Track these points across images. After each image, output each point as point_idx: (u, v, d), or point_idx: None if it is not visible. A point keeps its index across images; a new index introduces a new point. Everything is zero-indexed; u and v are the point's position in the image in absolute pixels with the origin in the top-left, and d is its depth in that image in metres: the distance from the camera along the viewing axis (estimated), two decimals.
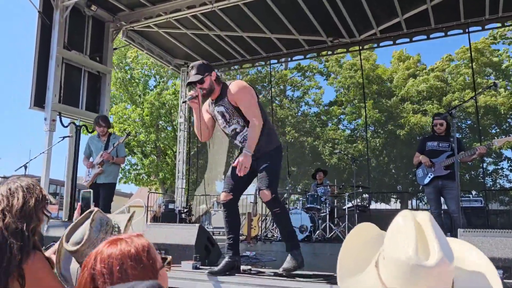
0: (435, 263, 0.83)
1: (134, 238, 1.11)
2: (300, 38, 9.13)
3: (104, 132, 6.23)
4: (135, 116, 19.09)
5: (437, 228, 0.89)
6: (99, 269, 1.02)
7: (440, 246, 0.85)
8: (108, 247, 1.06)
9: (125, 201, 29.19)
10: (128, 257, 1.04)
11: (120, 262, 1.02)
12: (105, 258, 1.03)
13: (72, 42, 7.62)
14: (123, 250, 1.05)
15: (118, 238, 1.10)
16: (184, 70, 11.07)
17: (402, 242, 0.87)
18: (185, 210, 10.29)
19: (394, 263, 0.87)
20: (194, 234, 3.53)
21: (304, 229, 7.90)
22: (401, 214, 0.93)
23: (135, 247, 1.07)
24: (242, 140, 3.55)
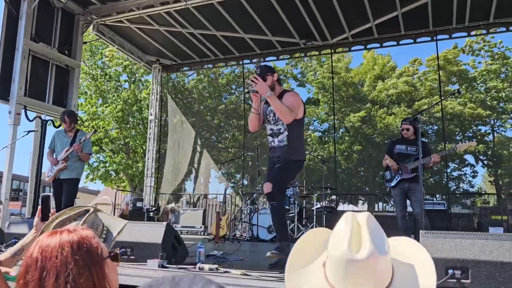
0: (365, 256, 0.89)
1: (79, 229, 1.09)
2: (273, 39, 9.18)
3: (71, 128, 6.03)
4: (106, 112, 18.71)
5: (374, 227, 0.95)
6: (35, 256, 1.00)
7: (372, 241, 0.91)
8: (49, 237, 1.04)
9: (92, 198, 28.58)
10: (69, 242, 1.02)
11: (57, 252, 1.00)
12: (44, 245, 1.01)
13: (40, 34, 7.40)
14: (63, 238, 1.03)
15: (61, 230, 1.07)
16: (156, 67, 10.94)
17: (340, 240, 0.93)
18: (153, 209, 10.17)
19: (333, 260, 0.93)
20: (161, 232, 3.49)
21: (272, 230, 7.93)
22: (344, 216, 0.99)
23: (78, 235, 1.05)
24: (279, 141, 3.99)
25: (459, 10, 7.69)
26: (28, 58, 7.10)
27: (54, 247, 1.00)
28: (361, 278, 0.90)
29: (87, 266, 1.00)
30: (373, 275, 0.91)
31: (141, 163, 18.63)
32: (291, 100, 3.91)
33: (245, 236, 8.35)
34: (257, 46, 9.64)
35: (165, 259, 3.36)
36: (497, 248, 2.44)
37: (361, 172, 21.69)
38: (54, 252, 0.99)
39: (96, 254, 1.04)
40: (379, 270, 0.91)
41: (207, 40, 9.46)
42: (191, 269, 3.27)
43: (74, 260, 0.99)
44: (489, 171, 21.85)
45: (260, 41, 9.38)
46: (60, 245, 1.01)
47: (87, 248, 1.03)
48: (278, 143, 3.99)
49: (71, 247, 1.01)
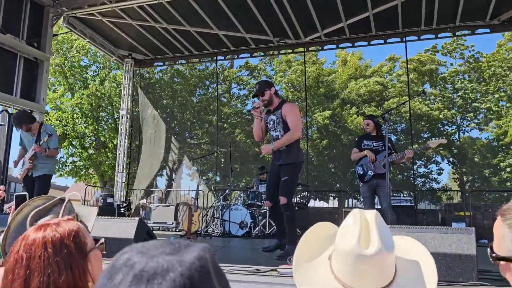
0: (374, 252, 0.94)
1: (63, 222, 1.11)
2: (247, 36, 9.22)
3: (28, 130, 5.76)
4: (72, 103, 18.28)
5: (382, 224, 1.00)
6: (21, 254, 1.02)
7: (380, 238, 0.95)
8: (34, 232, 1.06)
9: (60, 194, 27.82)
10: (52, 242, 1.04)
11: (43, 247, 1.03)
12: (29, 243, 1.04)
13: (7, 25, 7.19)
14: (47, 235, 1.05)
15: (46, 223, 1.10)
16: (128, 62, 10.80)
17: (349, 235, 0.98)
18: (124, 205, 10.06)
19: (341, 254, 0.98)
20: (133, 228, 3.50)
21: (244, 225, 8.01)
22: (352, 212, 1.04)
23: (61, 232, 1.07)
24: None
25: (427, 13, 7.93)
26: None
27: (38, 245, 1.03)
28: (368, 273, 0.95)
29: (68, 266, 1.04)
30: (379, 270, 0.96)
31: (111, 159, 18.35)
32: (290, 114, 4.41)
33: (217, 232, 8.39)
34: (231, 43, 9.66)
35: None
36: (456, 241, 2.58)
37: (332, 169, 22.04)
38: (37, 251, 1.02)
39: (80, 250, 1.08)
40: (385, 266, 0.97)
41: (180, 36, 9.41)
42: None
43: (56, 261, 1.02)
44: (454, 169, 22.63)
45: (234, 38, 9.39)
46: (44, 244, 1.03)
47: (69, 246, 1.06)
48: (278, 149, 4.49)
49: (53, 248, 1.03)
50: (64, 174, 18.91)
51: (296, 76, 21.45)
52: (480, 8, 7.79)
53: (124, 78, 11.05)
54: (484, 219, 8.61)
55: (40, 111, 7.79)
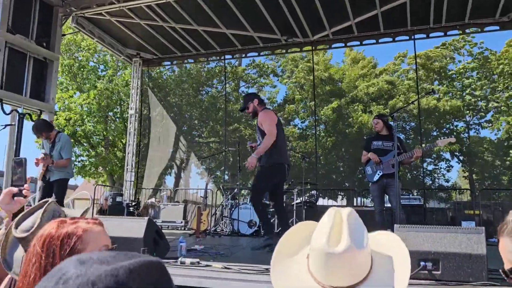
0: (342, 250, 0.94)
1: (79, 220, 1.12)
2: (255, 35, 9.21)
3: (45, 138, 6.11)
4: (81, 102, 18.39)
5: (355, 222, 1.01)
6: (39, 249, 1.03)
7: (350, 235, 0.96)
8: (52, 229, 1.08)
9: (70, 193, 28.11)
10: (68, 238, 1.05)
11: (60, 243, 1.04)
12: (47, 239, 1.05)
13: (17, 25, 7.24)
14: (64, 232, 1.06)
15: (63, 220, 1.11)
16: (136, 61, 10.85)
17: (321, 234, 0.99)
18: (134, 204, 10.12)
19: (314, 253, 0.99)
20: (143, 227, 3.52)
21: (253, 224, 8.02)
22: (328, 211, 1.05)
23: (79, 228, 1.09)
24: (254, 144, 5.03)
25: (436, 11, 7.86)
26: (5, 50, 6.95)
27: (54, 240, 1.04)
28: (338, 271, 0.96)
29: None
30: (350, 268, 0.96)
31: (120, 158, 18.45)
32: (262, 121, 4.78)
33: (225, 231, 8.40)
34: (239, 42, 9.66)
35: (146, 254, 3.39)
36: (465, 240, 2.56)
37: (340, 168, 21.97)
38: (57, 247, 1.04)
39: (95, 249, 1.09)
40: (356, 263, 0.97)
41: (188, 35, 9.43)
42: (172, 263, 3.31)
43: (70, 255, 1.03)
44: (464, 167, 22.44)
45: (242, 36, 9.39)
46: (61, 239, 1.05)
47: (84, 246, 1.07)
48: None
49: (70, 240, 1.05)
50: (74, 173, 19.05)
51: (304, 75, 21.39)
52: (490, 5, 7.71)
53: (133, 77, 11.11)
54: (494, 217, 8.53)
55: (50, 110, 7.85)
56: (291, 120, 23.02)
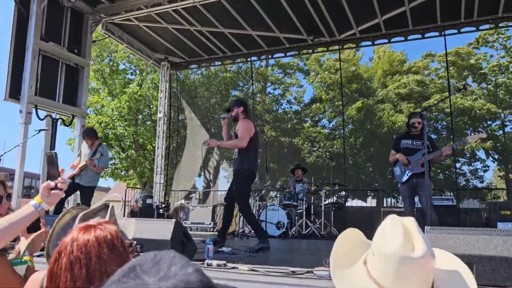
0: (421, 255, 0.92)
1: (105, 224, 1.13)
2: (281, 36, 9.19)
3: (91, 144, 6.54)
4: (112, 106, 18.84)
5: (421, 231, 1.00)
6: (76, 255, 1.04)
7: (425, 241, 0.94)
8: (84, 234, 1.08)
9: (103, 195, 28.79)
10: (105, 242, 1.07)
11: (97, 248, 1.05)
12: (82, 244, 1.05)
13: (49, 33, 7.48)
14: (98, 236, 1.08)
15: (91, 225, 1.12)
16: (164, 65, 11.01)
17: (390, 238, 0.96)
18: (163, 206, 10.26)
19: (383, 258, 0.96)
20: (170, 229, 3.55)
21: (281, 226, 7.99)
22: (389, 217, 1.03)
23: (109, 233, 1.10)
24: (235, 155, 5.19)
25: (467, 5, 7.63)
26: (38, 57, 7.19)
27: (92, 246, 1.06)
28: (412, 276, 0.93)
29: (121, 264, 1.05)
30: (423, 274, 0.94)
31: (150, 160, 18.76)
32: (240, 128, 5.04)
33: (253, 233, 8.39)
34: (265, 43, 9.66)
35: None
36: (501, 243, 2.46)
37: (370, 168, 21.62)
38: (93, 251, 1.05)
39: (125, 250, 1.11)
40: (428, 271, 0.95)
41: (215, 38, 9.50)
42: (200, 265, 3.32)
43: (111, 261, 1.05)
44: (500, 166, 21.67)
45: (268, 38, 9.39)
46: (98, 245, 1.06)
47: (118, 246, 1.09)
48: (235, 157, 5.25)
49: (107, 247, 1.07)
50: (106, 176, 19.51)
51: (329, 74, 21.17)
52: None
53: (161, 81, 11.28)
54: None
55: (82, 115, 8.07)
56: (318, 120, 22.84)
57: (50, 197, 1.64)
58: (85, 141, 6.63)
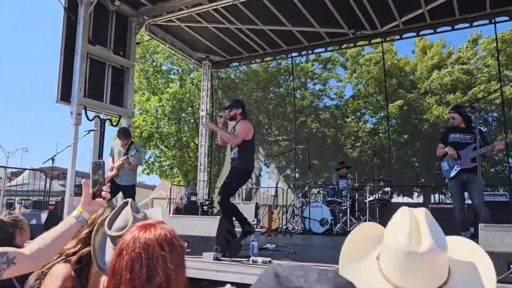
0: (427, 250, 0.89)
1: (162, 224, 1.16)
2: (321, 30, 9.08)
3: (125, 143, 6.73)
4: (156, 105, 19.32)
5: (433, 222, 0.96)
6: (138, 253, 1.06)
7: (432, 235, 0.91)
8: (144, 232, 1.10)
9: (149, 193, 29.67)
10: (165, 241, 1.09)
11: (158, 247, 1.07)
12: (143, 243, 1.07)
13: (96, 37, 7.76)
14: (159, 234, 1.10)
15: (150, 224, 1.14)
16: (205, 64, 11.16)
17: (398, 233, 0.94)
18: (207, 203, 10.41)
19: (390, 252, 0.95)
20: (215, 226, 3.60)
21: (324, 222, 7.91)
22: (399, 210, 1.01)
23: (168, 232, 1.12)
24: (233, 155, 5.32)
25: None
26: (87, 60, 7.47)
27: (153, 245, 1.08)
28: (419, 272, 0.91)
29: (180, 265, 1.10)
30: (432, 269, 0.91)
31: (194, 158, 19.09)
32: (239, 128, 5.26)
33: (297, 229, 8.37)
34: (305, 39, 9.57)
35: (219, 252, 3.46)
36: None
37: (415, 163, 20.98)
38: (155, 250, 1.07)
39: (182, 250, 1.14)
40: (438, 265, 0.92)
41: (255, 35, 9.52)
42: (245, 262, 3.35)
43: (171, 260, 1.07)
44: None
45: (308, 33, 9.30)
46: (159, 244, 1.08)
47: (177, 245, 1.12)
48: (232, 156, 5.33)
49: (168, 246, 1.09)
50: (151, 172, 20.06)
51: (367, 68, 20.67)
52: None
53: (203, 80, 11.44)
54: None
55: (128, 115, 8.32)
56: (360, 115, 22.41)
57: (92, 205, 1.64)
58: (120, 140, 6.75)
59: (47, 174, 9.55)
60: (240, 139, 5.20)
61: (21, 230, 2.72)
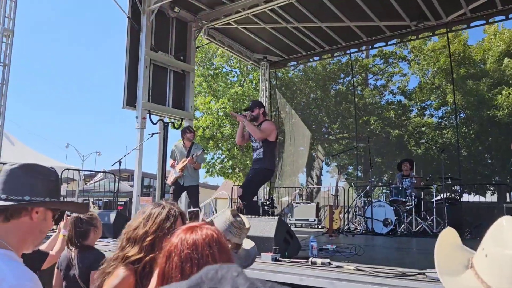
0: None
1: (207, 225, 1.18)
2: (381, 24, 8.80)
3: (192, 138, 6.90)
4: (217, 107, 19.72)
5: None
6: (187, 253, 1.08)
7: None
8: (191, 233, 1.12)
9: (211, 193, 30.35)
10: (213, 241, 1.11)
11: (207, 246, 1.09)
12: (192, 243, 1.10)
13: (158, 43, 8.08)
14: (206, 235, 1.12)
15: (195, 225, 1.16)
16: (263, 64, 11.22)
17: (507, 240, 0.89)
18: (268, 202, 10.45)
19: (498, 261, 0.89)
20: (273, 226, 3.60)
21: (388, 223, 7.65)
22: (504, 218, 0.95)
23: (214, 232, 1.14)
24: (257, 155, 5.47)
25: None
26: (150, 66, 7.80)
27: (202, 245, 1.10)
28: None
29: (227, 261, 1.10)
30: None
31: None
32: (265, 126, 5.43)
33: (359, 230, 8.17)
34: (364, 34, 9.33)
35: (278, 253, 3.46)
36: None
37: (488, 160, 19.68)
38: (204, 250, 1.09)
39: (229, 250, 1.16)
40: None
41: (312, 33, 9.43)
42: (304, 263, 3.32)
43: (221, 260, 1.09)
44: None
45: (367, 28, 9.06)
46: (208, 244, 1.11)
47: (225, 245, 1.14)
48: (256, 156, 5.50)
49: (216, 247, 1.11)
50: (214, 174, 20.52)
51: (432, 59, 19.66)
52: None
53: (261, 80, 11.52)
54: None
55: (189, 118, 8.58)
56: (424, 109, 21.40)
57: None
58: (183, 140, 6.90)
59: (115, 176, 10.08)
60: (265, 135, 5.36)
61: (95, 228, 2.89)
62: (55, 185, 1.48)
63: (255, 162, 5.52)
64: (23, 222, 1.36)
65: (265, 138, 5.39)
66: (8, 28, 6.25)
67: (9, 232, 1.34)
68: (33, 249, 1.43)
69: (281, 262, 3.35)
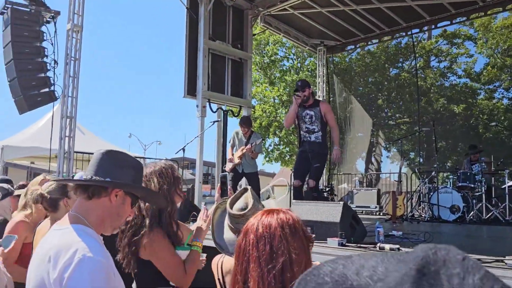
0: None
1: (286, 210, 1.25)
2: (445, 1, 8.34)
3: (246, 132, 6.91)
4: (273, 94, 19.73)
5: None
6: (261, 232, 1.17)
7: None
8: (267, 216, 1.21)
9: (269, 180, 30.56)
10: (287, 225, 1.18)
11: (280, 229, 1.16)
12: (267, 225, 1.18)
13: (216, 32, 8.19)
14: (281, 218, 1.19)
15: (274, 209, 1.24)
16: (320, 50, 11.04)
17: None
18: (327, 189, 10.36)
19: None
20: (339, 211, 3.57)
21: (456, 210, 7.32)
22: None
23: (291, 217, 1.21)
24: (315, 138, 5.48)
25: None
26: (208, 56, 7.94)
27: (275, 226, 1.18)
28: None
29: (302, 249, 1.17)
30: None
31: None
32: (330, 117, 5.50)
33: (424, 216, 7.89)
34: (426, 13, 8.89)
35: (344, 238, 3.43)
36: None
37: None
38: (277, 231, 1.17)
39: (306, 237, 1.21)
40: None
41: (370, 15, 9.13)
42: (371, 249, 3.27)
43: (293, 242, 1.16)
44: None
45: (430, 6, 8.62)
46: (281, 226, 1.18)
47: (300, 231, 1.20)
48: (314, 139, 5.47)
49: (289, 229, 1.18)
50: (271, 160, 20.62)
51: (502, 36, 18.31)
52: None
53: (318, 66, 11.35)
54: None
55: (248, 106, 8.65)
56: (493, 90, 20.08)
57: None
58: (242, 128, 6.91)
59: (179, 164, 10.40)
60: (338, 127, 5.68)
61: None
62: (136, 173, 1.56)
63: (311, 144, 5.49)
64: (102, 202, 1.45)
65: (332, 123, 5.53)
66: (78, 24, 6.59)
67: (90, 210, 1.44)
68: (111, 232, 1.52)
69: (347, 247, 3.32)
